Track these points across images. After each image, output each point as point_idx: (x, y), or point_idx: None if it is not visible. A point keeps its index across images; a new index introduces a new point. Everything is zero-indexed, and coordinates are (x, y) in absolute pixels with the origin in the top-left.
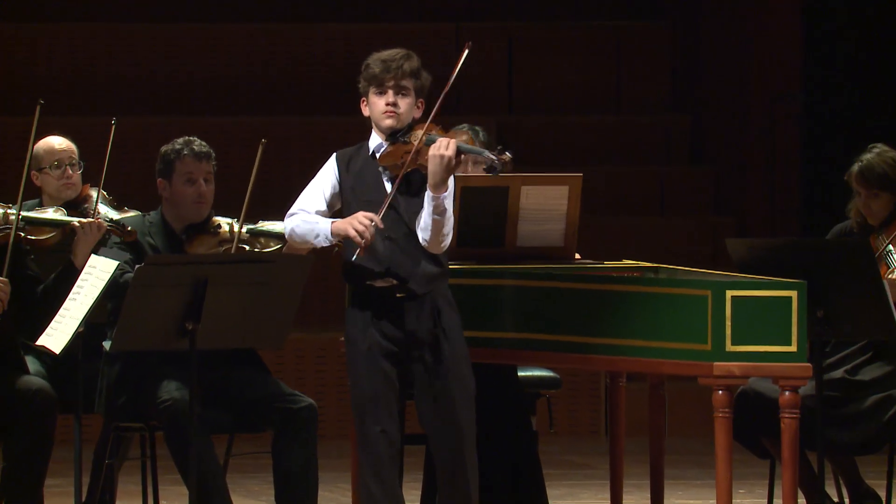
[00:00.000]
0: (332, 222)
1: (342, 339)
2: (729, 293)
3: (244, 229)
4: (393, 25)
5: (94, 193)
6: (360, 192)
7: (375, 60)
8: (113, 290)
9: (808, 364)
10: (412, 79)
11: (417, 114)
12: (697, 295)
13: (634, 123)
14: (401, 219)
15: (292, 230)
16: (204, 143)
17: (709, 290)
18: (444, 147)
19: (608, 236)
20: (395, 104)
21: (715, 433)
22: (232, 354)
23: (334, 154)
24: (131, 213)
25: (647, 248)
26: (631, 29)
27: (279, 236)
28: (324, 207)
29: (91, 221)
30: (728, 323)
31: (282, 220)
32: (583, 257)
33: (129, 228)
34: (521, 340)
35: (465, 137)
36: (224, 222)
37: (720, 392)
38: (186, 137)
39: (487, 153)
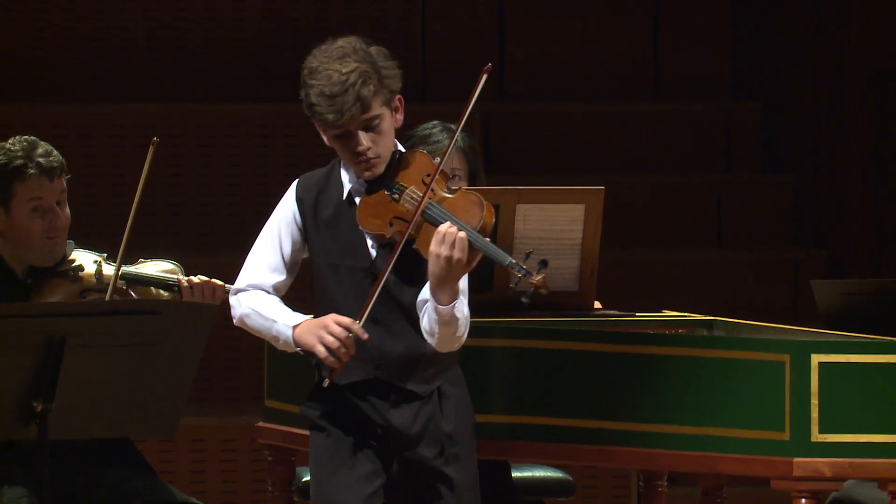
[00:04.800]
0: (296, 326)
1: (259, 423)
2: (815, 358)
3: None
4: None
5: None
6: (335, 252)
7: (319, 97)
8: None
9: None
10: (380, 97)
11: (399, 121)
12: (771, 361)
13: (679, 114)
14: (389, 296)
15: (242, 319)
16: (50, 147)
17: (787, 355)
18: (447, 243)
19: (642, 276)
20: (368, 149)
21: None
22: (100, 448)
23: (294, 185)
24: None
25: (698, 294)
26: None
27: (168, 286)
28: (282, 276)
29: None
30: (814, 401)
31: (171, 258)
32: (606, 307)
33: None
34: (518, 427)
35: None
36: (88, 260)
37: (803, 500)
38: (25, 140)
39: (512, 261)
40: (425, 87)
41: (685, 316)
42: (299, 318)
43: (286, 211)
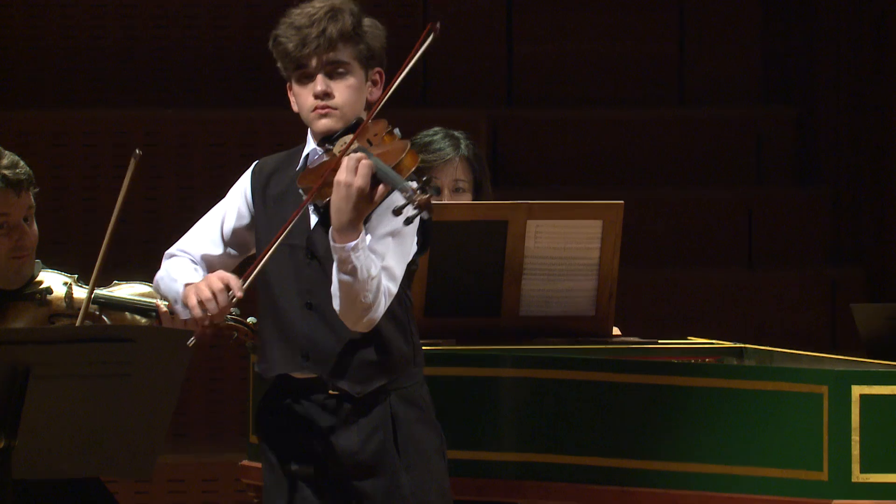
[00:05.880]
0: (188, 284)
1: (243, 462)
2: (856, 390)
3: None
4: None
5: None
6: (276, 230)
7: (287, 28)
8: None
9: None
10: (350, 45)
11: (374, 95)
12: (807, 393)
13: (706, 121)
14: (326, 279)
15: (157, 283)
16: (16, 157)
17: (825, 386)
18: (350, 169)
19: (665, 300)
20: (327, 94)
21: None
22: (69, 488)
23: (253, 165)
24: None
25: (726, 318)
26: None
27: (144, 311)
28: (217, 250)
29: None
30: (855, 437)
31: (148, 280)
32: (625, 333)
33: None
34: (528, 465)
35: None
36: (58, 282)
37: None
38: None
39: (405, 184)
40: (426, 90)
41: (712, 343)
42: (199, 277)
43: (238, 186)
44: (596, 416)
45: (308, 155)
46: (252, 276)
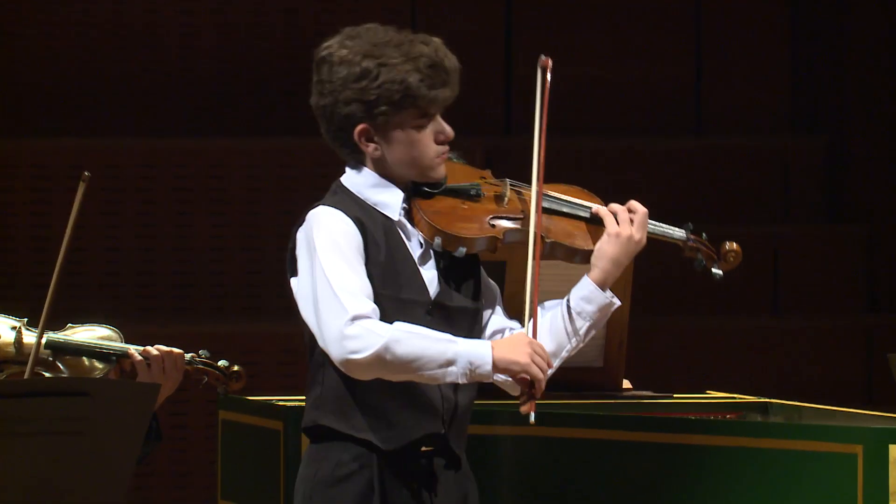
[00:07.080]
0: (492, 346)
1: None
2: (894, 450)
3: (43, 340)
4: None
5: None
6: (394, 284)
7: (427, 68)
8: None
9: None
10: None
11: None
12: (840, 453)
13: (726, 151)
14: (449, 326)
15: (386, 347)
16: None
17: (859, 445)
18: (638, 224)
19: (682, 349)
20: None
21: None
22: None
23: (331, 210)
24: None
25: (749, 370)
26: None
27: (104, 355)
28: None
29: None
30: (893, 502)
31: (106, 322)
32: (637, 386)
33: None
34: None
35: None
36: (6, 327)
37: None
38: None
39: (679, 232)
40: None
41: (734, 398)
42: (480, 339)
43: (346, 233)
44: (605, 479)
45: (402, 212)
46: (536, 335)
